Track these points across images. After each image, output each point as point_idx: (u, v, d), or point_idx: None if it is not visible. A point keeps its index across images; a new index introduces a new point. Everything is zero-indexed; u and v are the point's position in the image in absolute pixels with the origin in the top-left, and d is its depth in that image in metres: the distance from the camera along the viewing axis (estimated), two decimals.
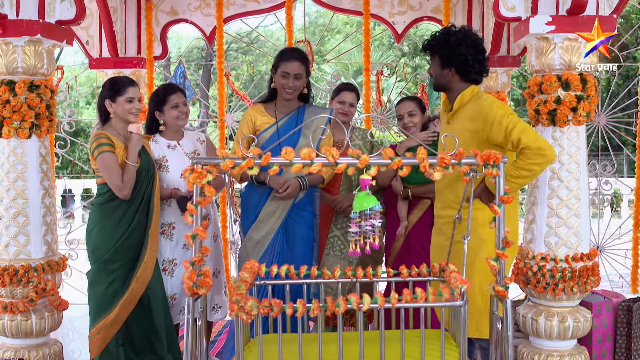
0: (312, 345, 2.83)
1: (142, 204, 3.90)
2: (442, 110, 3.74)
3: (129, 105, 3.85)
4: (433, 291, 2.64)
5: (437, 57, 3.51)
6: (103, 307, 3.83)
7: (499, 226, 2.84)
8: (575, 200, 3.93)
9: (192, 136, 4.35)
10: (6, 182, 4.02)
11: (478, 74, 3.55)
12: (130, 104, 3.85)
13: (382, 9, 6.15)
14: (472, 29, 3.55)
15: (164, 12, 6.13)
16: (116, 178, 3.78)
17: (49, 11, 4.00)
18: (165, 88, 4.24)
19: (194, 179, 2.82)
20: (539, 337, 4.01)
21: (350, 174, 3.66)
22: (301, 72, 3.93)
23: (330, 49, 15.65)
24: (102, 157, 3.75)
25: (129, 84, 3.88)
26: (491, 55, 5.96)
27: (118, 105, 3.83)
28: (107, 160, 3.75)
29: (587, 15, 3.81)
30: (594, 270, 4.00)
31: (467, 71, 3.48)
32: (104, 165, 3.77)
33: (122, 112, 3.84)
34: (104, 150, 3.75)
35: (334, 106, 4.41)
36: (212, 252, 4.19)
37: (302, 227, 4.01)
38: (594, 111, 4.03)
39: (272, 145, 3.59)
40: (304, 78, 3.97)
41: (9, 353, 4.07)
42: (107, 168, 3.76)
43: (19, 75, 3.98)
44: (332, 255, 4.34)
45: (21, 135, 3.98)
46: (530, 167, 3.31)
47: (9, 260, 4.01)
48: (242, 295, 2.65)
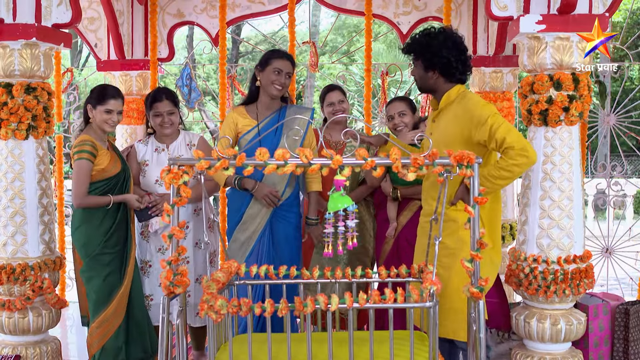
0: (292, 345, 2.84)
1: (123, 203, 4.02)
2: (432, 109, 3.73)
3: (107, 115, 3.93)
4: (402, 292, 2.63)
5: (419, 61, 3.49)
6: (102, 300, 3.95)
7: (473, 227, 2.82)
8: (568, 201, 3.88)
9: (185, 139, 4.38)
10: (4, 182, 4.11)
11: (462, 74, 3.53)
12: (107, 114, 3.93)
13: (387, 9, 6.14)
14: (453, 29, 3.52)
15: (170, 14, 6.20)
16: (81, 186, 3.88)
17: (46, 15, 4.07)
18: (155, 95, 4.29)
19: (170, 179, 2.85)
20: (531, 339, 3.98)
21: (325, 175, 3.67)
22: (291, 71, 4.00)
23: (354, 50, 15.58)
24: (78, 162, 3.86)
25: (112, 97, 3.95)
26: (496, 55, 5.93)
27: (97, 112, 3.91)
28: (81, 167, 3.86)
29: (579, 14, 3.77)
30: (588, 273, 3.95)
31: (451, 73, 3.47)
32: (76, 170, 3.88)
33: (99, 121, 3.93)
34: (83, 157, 3.85)
35: (326, 110, 4.43)
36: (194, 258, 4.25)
37: (287, 228, 4.02)
38: (588, 111, 3.96)
39: (252, 146, 3.61)
40: (290, 78, 4.01)
41: (7, 349, 4.16)
42: (78, 174, 3.86)
43: (16, 78, 4.06)
44: (320, 255, 4.34)
45: (18, 136, 4.06)
46: (512, 167, 3.29)
47: (7, 259, 4.09)
48: (213, 294, 2.67)
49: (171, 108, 4.25)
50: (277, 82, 3.96)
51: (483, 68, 6.00)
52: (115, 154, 4.02)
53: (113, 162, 3.95)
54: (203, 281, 2.82)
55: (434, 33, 3.47)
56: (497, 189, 3.45)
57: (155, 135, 4.33)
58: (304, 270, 3.26)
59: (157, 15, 6.07)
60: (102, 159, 3.88)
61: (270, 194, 3.88)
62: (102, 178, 3.89)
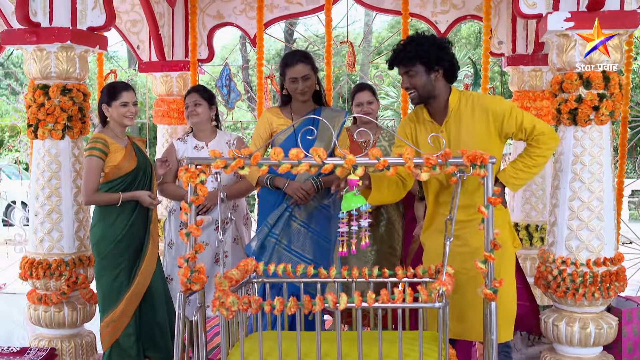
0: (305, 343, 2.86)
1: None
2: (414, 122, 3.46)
3: (124, 109, 3.97)
4: (411, 292, 2.62)
5: (420, 65, 3.27)
6: (110, 300, 3.98)
7: (487, 228, 2.79)
8: (598, 202, 3.80)
9: (224, 138, 4.47)
10: (41, 180, 4.26)
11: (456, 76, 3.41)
12: (124, 107, 3.97)
13: (425, 8, 6.11)
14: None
15: (210, 16, 6.31)
16: (89, 183, 3.90)
17: (81, 18, 4.21)
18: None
19: (187, 178, 2.91)
20: (560, 343, 3.91)
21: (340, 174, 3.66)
22: (307, 72, 3.95)
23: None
24: (88, 159, 3.90)
25: (124, 89, 3.99)
26: (535, 53, 5.83)
27: (114, 109, 3.96)
28: (91, 164, 3.90)
29: (608, 10, 3.68)
30: (619, 276, 3.85)
31: (453, 72, 3.33)
32: (86, 167, 3.92)
33: (117, 116, 3.98)
34: (93, 154, 3.88)
35: (355, 110, 4.44)
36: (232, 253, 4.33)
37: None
38: (620, 110, 3.86)
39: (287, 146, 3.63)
40: (312, 77, 3.97)
41: (43, 342, 4.30)
42: (88, 171, 3.90)
43: (53, 80, 4.20)
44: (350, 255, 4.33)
45: (55, 136, 4.20)
46: (546, 152, 3.29)
47: (43, 255, 4.24)
48: (225, 291, 2.71)
49: (197, 99, 4.37)
50: (297, 91, 3.97)
51: (522, 67, 5.91)
52: (133, 150, 4.05)
53: (127, 158, 3.97)
54: (215, 278, 2.86)
55: (421, 37, 3.32)
56: (531, 179, 3.47)
57: (194, 134, 4.46)
58: (321, 269, 3.27)
59: (197, 17, 6.18)
60: (115, 155, 3.92)
61: (301, 189, 3.91)
62: (117, 176, 3.93)
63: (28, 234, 4.62)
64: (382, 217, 4.32)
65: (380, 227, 4.32)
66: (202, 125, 4.43)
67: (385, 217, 4.32)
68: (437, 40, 3.33)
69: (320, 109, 4.09)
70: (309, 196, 3.95)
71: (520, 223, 5.94)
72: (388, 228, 4.31)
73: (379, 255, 4.29)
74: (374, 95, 4.48)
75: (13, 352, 4.25)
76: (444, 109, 3.34)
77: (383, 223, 4.33)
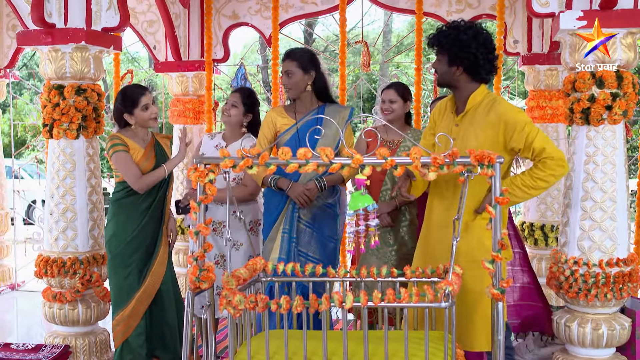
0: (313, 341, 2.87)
1: (155, 202, 4.04)
2: (443, 108, 3.51)
3: (147, 113, 3.99)
4: (417, 292, 2.62)
5: (444, 55, 3.32)
6: (121, 299, 4.02)
7: (495, 228, 2.78)
8: (611, 202, 3.76)
9: (243, 142, 4.38)
10: (56, 179, 4.31)
11: (488, 73, 3.33)
12: (147, 111, 3.99)
13: (440, 7, 6.08)
14: (482, 26, 3.40)
15: (226, 16, 6.34)
16: (132, 172, 3.91)
17: (95, 19, 4.25)
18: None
19: (196, 177, 2.93)
20: (572, 344, 3.89)
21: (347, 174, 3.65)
22: (290, 68, 3.95)
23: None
24: (116, 155, 3.92)
25: (140, 94, 3.99)
26: (551, 53, 5.79)
27: (137, 115, 3.96)
28: (121, 158, 3.92)
29: (621, 9, 3.65)
30: (633, 277, 3.82)
31: (477, 71, 3.32)
32: (119, 163, 3.93)
33: (142, 121, 3.99)
34: (118, 149, 3.91)
35: (381, 108, 4.43)
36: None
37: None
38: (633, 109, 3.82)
39: (291, 145, 3.65)
40: (297, 75, 3.95)
41: (57, 339, 4.36)
42: (123, 164, 3.92)
43: (67, 80, 4.25)
44: (370, 254, 4.32)
45: (69, 136, 4.25)
46: (549, 177, 3.16)
47: (58, 253, 4.29)
48: (232, 290, 2.73)
49: (235, 100, 4.34)
50: (285, 85, 4.02)
51: (537, 66, 5.88)
52: (153, 151, 4.06)
53: (145, 158, 3.99)
54: (223, 277, 2.88)
55: (463, 27, 3.29)
56: (527, 199, 3.36)
57: (224, 133, 4.46)
58: (329, 268, 3.27)
59: (212, 17, 6.22)
60: (133, 155, 3.96)
61: (304, 194, 3.90)
62: None
63: (44, 233, 4.68)
64: (403, 218, 4.28)
65: (401, 228, 4.28)
66: (230, 126, 4.39)
67: (408, 218, 4.28)
68: (477, 33, 3.26)
69: (325, 106, 4.08)
70: (310, 201, 3.95)
71: (535, 223, 5.91)
72: (410, 229, 4.28)
73: (400, 256, 4.26)
74: (399, 95, 4.42)
75: (28, 349, 4.31)
76: (464, 104, 3.33)
77: (405, 224, 4.30)
